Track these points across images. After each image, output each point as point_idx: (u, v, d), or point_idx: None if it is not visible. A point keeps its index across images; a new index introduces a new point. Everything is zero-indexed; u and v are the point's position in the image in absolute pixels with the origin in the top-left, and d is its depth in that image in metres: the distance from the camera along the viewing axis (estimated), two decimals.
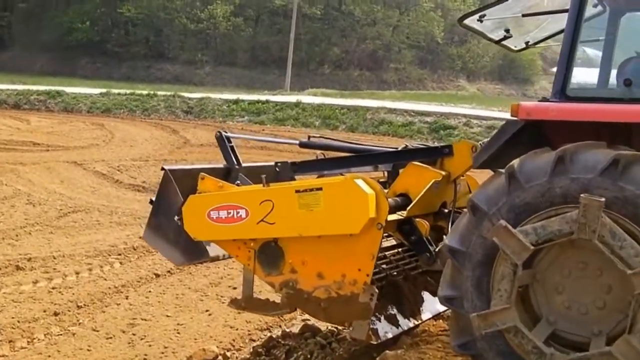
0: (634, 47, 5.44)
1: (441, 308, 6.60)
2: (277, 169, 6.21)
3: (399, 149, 6.66)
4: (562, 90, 4.91)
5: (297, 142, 7.20)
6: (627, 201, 4.28)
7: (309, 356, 6.49)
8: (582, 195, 4.27)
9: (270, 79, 55.22)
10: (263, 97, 39.48)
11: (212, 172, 6.18)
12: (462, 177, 6.37)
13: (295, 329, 7.47)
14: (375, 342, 5.64)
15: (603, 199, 4.24)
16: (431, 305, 6.55)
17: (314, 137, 7.18)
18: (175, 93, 39.78)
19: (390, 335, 5.86)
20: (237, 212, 5.76)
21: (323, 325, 7.02)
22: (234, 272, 10.02)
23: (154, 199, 6.34)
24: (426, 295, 6.58)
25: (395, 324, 6.00)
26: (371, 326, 5.54)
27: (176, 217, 6.03)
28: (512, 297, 4.54)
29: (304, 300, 5.70)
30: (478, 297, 4.73)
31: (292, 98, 39.43)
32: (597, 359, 4.38)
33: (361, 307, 5.43)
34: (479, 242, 4.70)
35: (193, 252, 6.24)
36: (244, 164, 6.75)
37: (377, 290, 5.46)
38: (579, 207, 4.29)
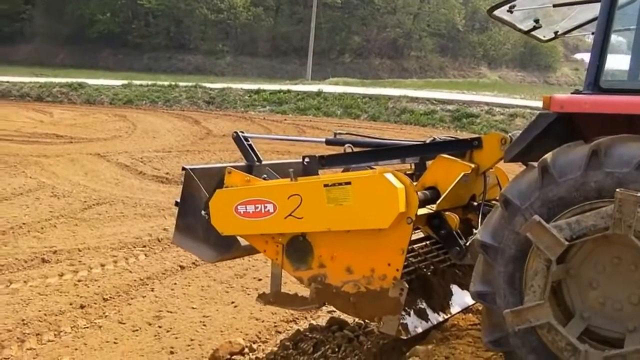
0: None
1: (470, 301, 6.53)
2: (305, 163, 6.13)
3: (427, 141, 6.57)
4: (596, 82, 4.81)
5: (324, 140, 7.14)
6: None
7: (336, 349, 6.47)
8: (617, 190, 4.18)
9: (291, 68, 55.30)
10: (284, 87, 39.48)
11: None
12: (491, 170, 6.28)
13: (322, 322, 7.44)
14: (405, 337, 5.59)
15: (639, 194, 4.14)
16: (460, 299, 6.50)
17: (340, 133, 7.12)
18: (196, 84, 39.89)
19: (420, 330, 5.80)
20: (265, 207, 5.74)
21: (350, 319, 6.98)
22: (258, 263, 10.03)
23: (178, 200, 6.32)
24: (455, 288, 6.53)
25: (425, 318, 5.95)
26: (401, 321, 5.50)
27: (203, 212, 6.01)
28: (545, 293, 4.46)
29: (333, 295, 5.66)
30: (511, 293, 4.66)
31: (314, 87, 39.35)
32: (633, 356, 4.29)
33: (391, 302, 5.39)
34: (512, 237, 4.63)
35: (225, 246, 6.23)
36: (264, 162, 6.74)
37: (407, 285, 5.41)
38: (614, 201, 4.20)
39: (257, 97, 37.11)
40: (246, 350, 7.12)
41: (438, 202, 5.73)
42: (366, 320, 6.75)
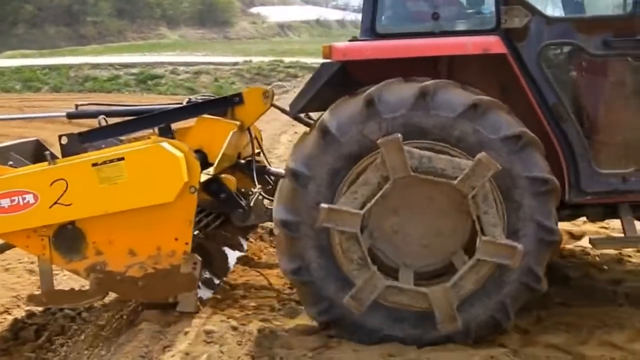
0: None
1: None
2: (62, 142, 5.53)
3: (185, 103, 6.26)
4: (372, 28, 4.86)
5: (64, 114, 6.58)
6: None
7: (60, 331, 5.90)
8: (379, 140, 4.36)
9: None
10: None
11: None
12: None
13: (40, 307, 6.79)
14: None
15: (399, 135, 4.35)
16: (232, 260, 6.45)
17: (82, 105, 6.59)
18: None
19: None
20: (24, 198, 5.08)
21: None
22: None
23: None
24: (227, 250, 6.48)
25: (212, 286, 5.79)
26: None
27: None
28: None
29: (117, 282, 5.23)
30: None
31: None
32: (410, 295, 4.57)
33: (185, 279, 5.13)
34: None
35: None
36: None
37: (200, 258, 5.18)
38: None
39: None
40: None
41: (215, 165, 5.51)
42: None
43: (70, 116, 6.49)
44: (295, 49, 43.35)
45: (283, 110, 6.48)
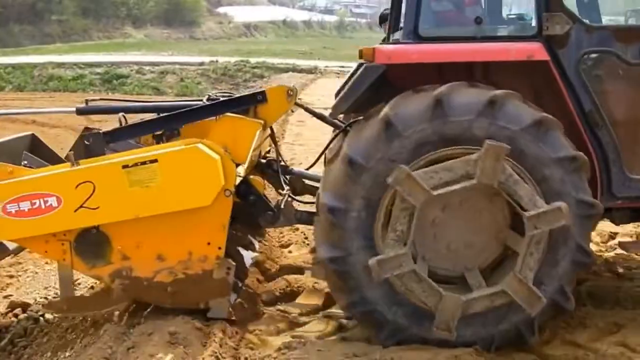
0: None
1: (250, 261, 6.41)
2: (86, 142, 5.29)
3: (205, 100, 6.05)
4: (415, 31, 4.85)
5: (74, 109, 6.35)
6: None
7: (23, 333, 5.77)
8: (488, 141, 4.34)
9: None
10: None
11: None
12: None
13: (1, 308, 6.49)
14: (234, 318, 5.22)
15: (508, 147, 4.33)
16: (247, 260, 6.32)
17: (92, 100, 6.42)
18: None
19: None
20: (46, 201, 4.87)
21: (31, 298, 6.35)
22: None
23: None
24: (242, 251, 6.33)
25: (237, 290, 5.61)
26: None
27: None
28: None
29: (145, 289, 5.07)
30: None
31: None
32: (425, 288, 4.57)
33: (218, 284, 5.02)
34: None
35: None
36: None
37: (233, 264, 5.07)
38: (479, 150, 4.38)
39: None
40: None
41: (245, 166, 5.34)
42: (48, 297, 6.24)
43: (80, 112, 6.29)
44: (262, 49, 43.35)
45: (307, 109, 6.44)
